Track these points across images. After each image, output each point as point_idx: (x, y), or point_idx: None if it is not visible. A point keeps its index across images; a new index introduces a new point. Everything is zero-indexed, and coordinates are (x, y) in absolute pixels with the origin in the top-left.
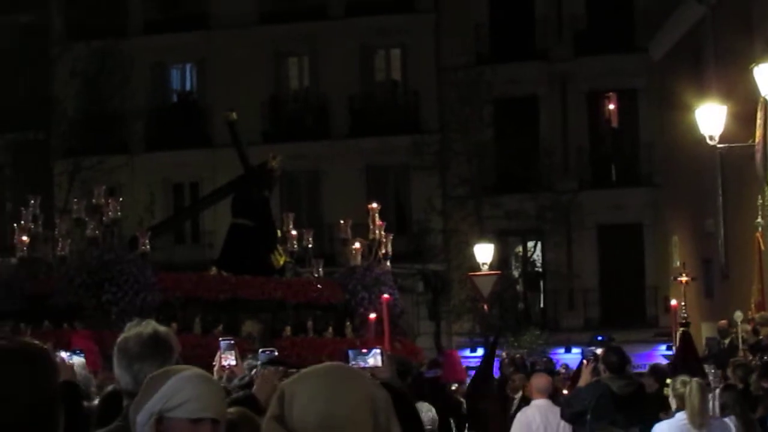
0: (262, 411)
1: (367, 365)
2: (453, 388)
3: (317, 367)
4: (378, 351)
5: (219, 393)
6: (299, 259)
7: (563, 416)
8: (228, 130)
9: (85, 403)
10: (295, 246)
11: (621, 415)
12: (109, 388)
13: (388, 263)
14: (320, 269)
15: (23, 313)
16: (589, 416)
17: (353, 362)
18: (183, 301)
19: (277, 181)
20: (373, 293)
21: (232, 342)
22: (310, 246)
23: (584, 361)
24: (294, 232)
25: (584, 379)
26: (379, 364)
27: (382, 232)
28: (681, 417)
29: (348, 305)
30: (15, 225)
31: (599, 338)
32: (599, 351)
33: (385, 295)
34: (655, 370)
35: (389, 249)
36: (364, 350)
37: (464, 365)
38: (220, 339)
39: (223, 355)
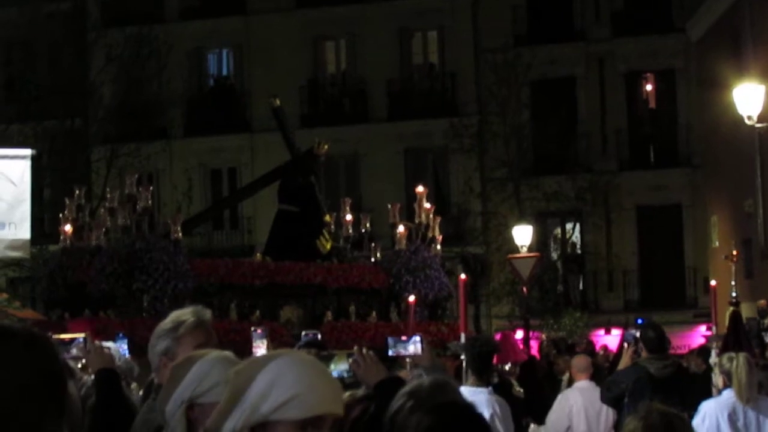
0: None
1: (407, 353)
2: (506, 368)
3: (267, 355)
4: (418, 339)
5: None
6: (355, 244)
7: (603, 400)
8: (273, 116)
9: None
10: (350, 231)
11: (658, 398)
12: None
13: (438, 247)
14: (378, 253)
15: (66, 301)
16: (627, 400)
17: (393, 350)
18: (218, 288)
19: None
20: (418, 277)
21: (263, 332)
22: (368, 230)
23: (625, 344)
24: (349, 217)
25: (624, 363)
26: (419, 351)
27: (431, 216)
28: (728, 394)
29: (392, 289)
30: (60, 215)
31: (639, 321)
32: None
33: (462, 276)
34: (704, 350)
35: (437, 232)
36: (404, 338)
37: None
38: (252, 329)
39: (255, 344)
